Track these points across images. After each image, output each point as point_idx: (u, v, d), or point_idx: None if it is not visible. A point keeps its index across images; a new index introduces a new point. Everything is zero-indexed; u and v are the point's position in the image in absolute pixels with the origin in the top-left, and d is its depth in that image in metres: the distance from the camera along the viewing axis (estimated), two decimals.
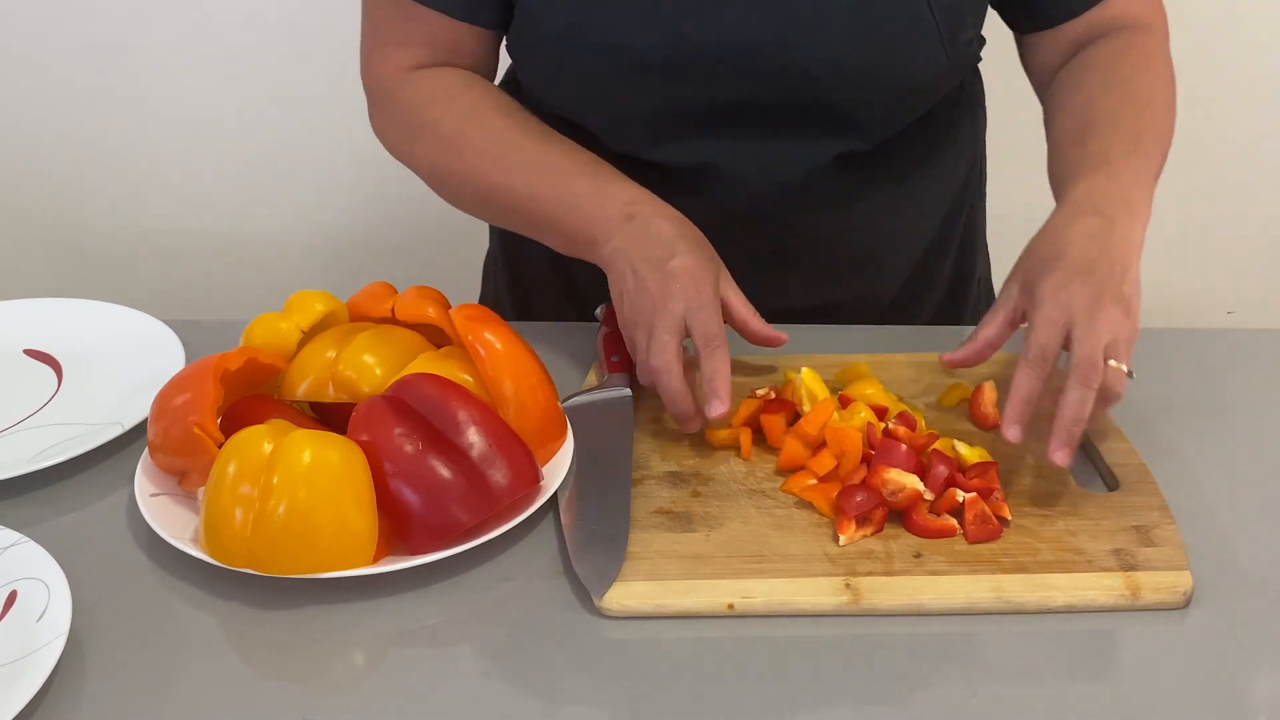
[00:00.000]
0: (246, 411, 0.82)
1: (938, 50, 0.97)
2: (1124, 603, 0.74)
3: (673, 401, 0.85)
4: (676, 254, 0.86)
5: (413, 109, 1.01)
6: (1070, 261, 0.82)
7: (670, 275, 0.86)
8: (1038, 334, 0.80)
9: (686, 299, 0.85)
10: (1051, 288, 0.81)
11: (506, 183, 0.96)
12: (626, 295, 0.88)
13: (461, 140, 0.98)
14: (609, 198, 0.91)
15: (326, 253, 1.96)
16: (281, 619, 0.73)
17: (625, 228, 0.89)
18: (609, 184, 0.92)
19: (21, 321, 1.02)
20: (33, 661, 0.66)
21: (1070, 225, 0.85)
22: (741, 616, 0.73)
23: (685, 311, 0.85)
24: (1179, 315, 1.91)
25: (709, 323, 0.85)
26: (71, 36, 1.79)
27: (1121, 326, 0.80)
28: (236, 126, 1.86)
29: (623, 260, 0.88)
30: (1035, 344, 0.80)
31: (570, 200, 0.92)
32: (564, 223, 0.93)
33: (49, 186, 1.90)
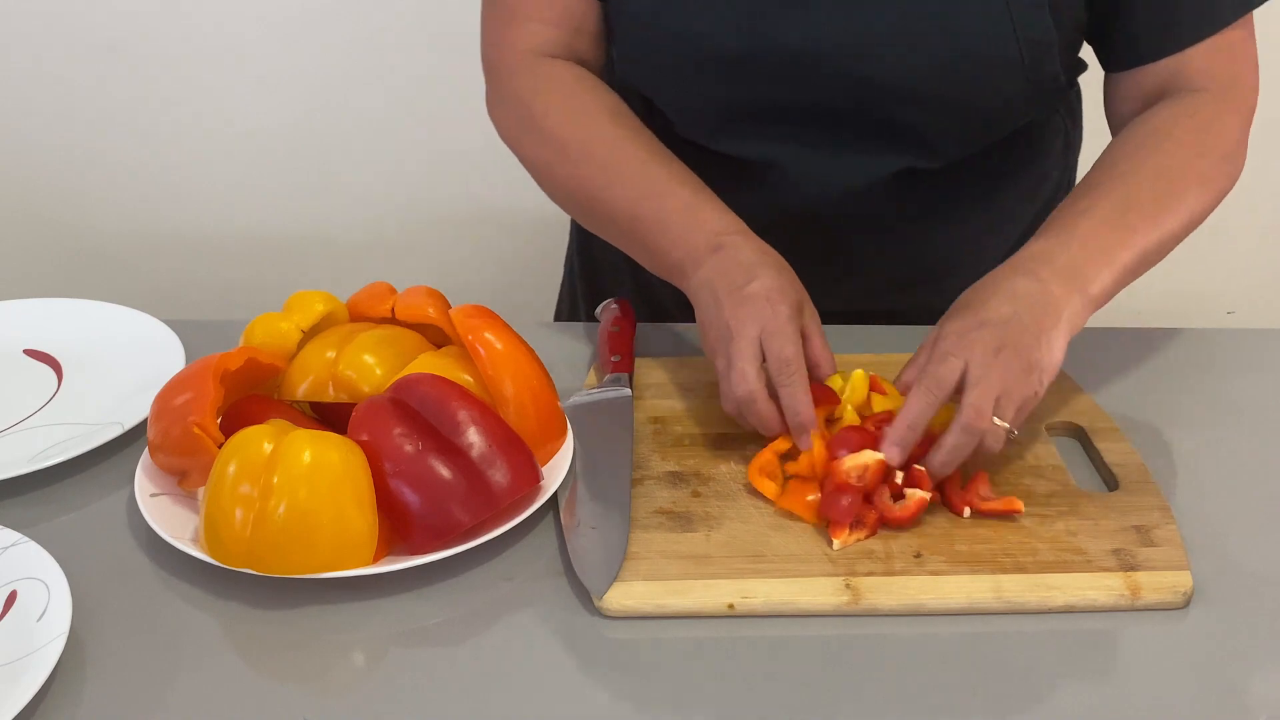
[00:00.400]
0: (246, 411, 0.82)
1: (1019, 82, 0.94)
2: (1124, 603, 0.74)
3: (765, 428, 0.83)
4: (756, 278, 0.84)
5: (526, 101, 0.99)
6: (985, 311, 0.81)
7: (747, 298, 0.84)
8: (933, 365, 0.80)
9: (762, 322, 0.83)
10: (955, 329, 0.81)
11: (607, 195, 0.94)
12: (707, 325, 0.86)
13: (568, 142, 0.97)
14: (699, 226, 0.89)
15: (326, 253, 1.96)
16: (281, 619, 0.73)
17: (711, 259, 0.87)
18: (702, 212, 0.90)
19: (21, 321, 1.02)
20: (33, 661, 0.66)
21: (1000, 281, 0.84)
22: (741, 616, 0.73)
23: (761, 334, 0.83)
24: (1179, 315, 1.91)
25: (784, 347, 0.82)
26: (71, 36, 1.79)
27: (1017, 383, 0.79)
28: (237, 126, 1.86)
29: (707, 290, 0.86)
30: (929, 373, 0.80)
31: (663, 225, 0.91)
32: (655, 245, 0.91)
33: (49, 186, 1.90)
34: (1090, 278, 0.84)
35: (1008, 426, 0.79)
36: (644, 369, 0.97)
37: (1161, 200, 0.89)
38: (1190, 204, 0.91)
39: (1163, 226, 0.89)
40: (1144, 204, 0.88)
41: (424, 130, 1.89)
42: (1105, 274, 0.85)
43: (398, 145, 1.91)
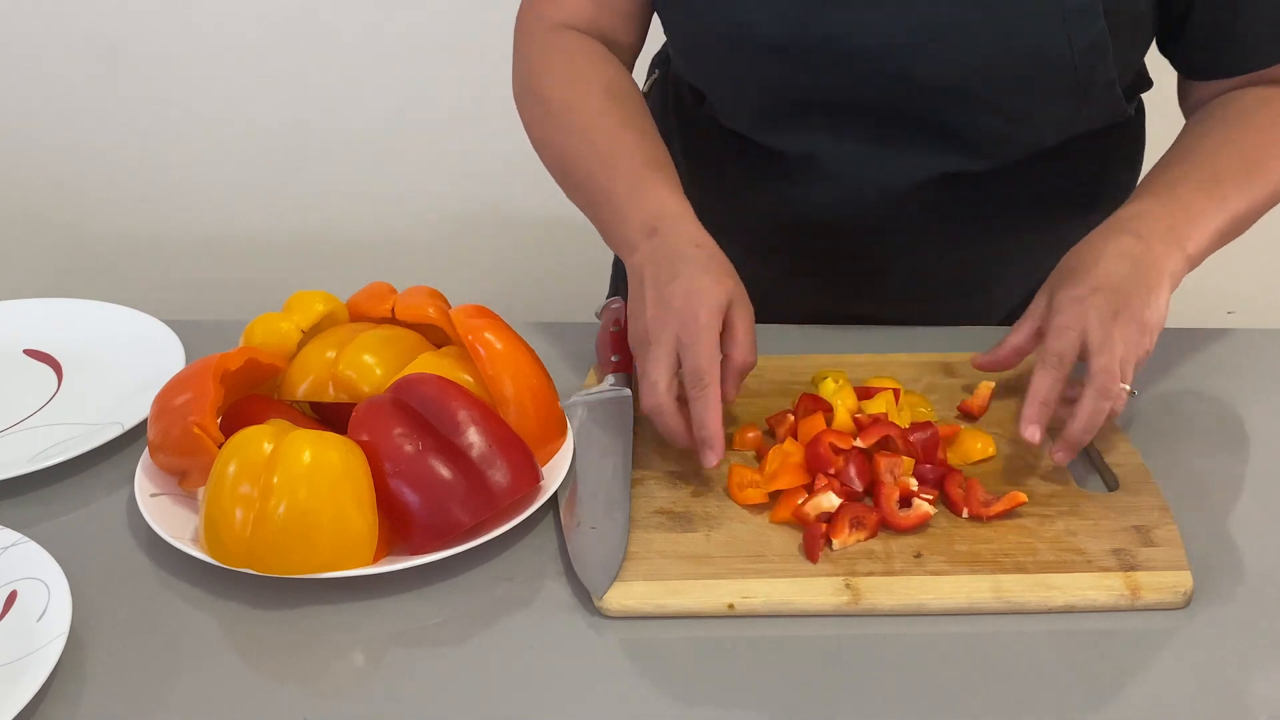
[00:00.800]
0: (246, 411, 0.82)
1: (1070, 86, 0.93)
2: (1124, 603, 0.74)
3: (674, 441, 0.83)
4: (678, 276, 0.83)
5: (532, 63, 1.01)
6: (1095, 276, 0.82)
7: (667, 299, 0.82)
8: (1052, 340, 0.81)
9: (680, 327, 0.81)
10: (1071, 298, 0.82)
11: (578, 161, 0.95)
12: (632, 318, 0.85)
13: (554, 105, 0.97)
14: (640, 203, 0.89)
15: (326, 253, 1.96)
16: (281, 619, 0.73)
17: (646, 242, 0.86)
18: (646, 187, 0.89)
19: (21, 321, 1.02)
20: (33, 661, 0.66)
21: (1105, 242, 0.85)
22: (741, 616, 0.73)
23: (676, 344, 0.81)
24: (1179, 315, 1.91)
25: (698, 356, 0.80)
26: (71, 37, 1.79)
27: (1134, 345, 0.81)
28: (237, 127, 1.86)
29: (636, 278, 0.86)
30: (1050, 349, 0.81)
31: (609, 195, 0.91)
32: (605, 218, 0.92)
33: (49, 187, 1.90)
34: (1189, 236, 0.86)
35: (1129, 388, 0.80)
36: None
37: (1250, 171, 0.91)
38: (1275, 178, 0.93)
39: (1252, 195, 0.91)
40: (1235, 173, 0.90)
41: (424, 130, 1.90)
42: (1201, 234, 0.87)
43: (398, 145, 1.91)
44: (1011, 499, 0.80)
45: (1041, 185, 1.04)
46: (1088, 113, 0.98)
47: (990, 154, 0.99)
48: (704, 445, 0.80)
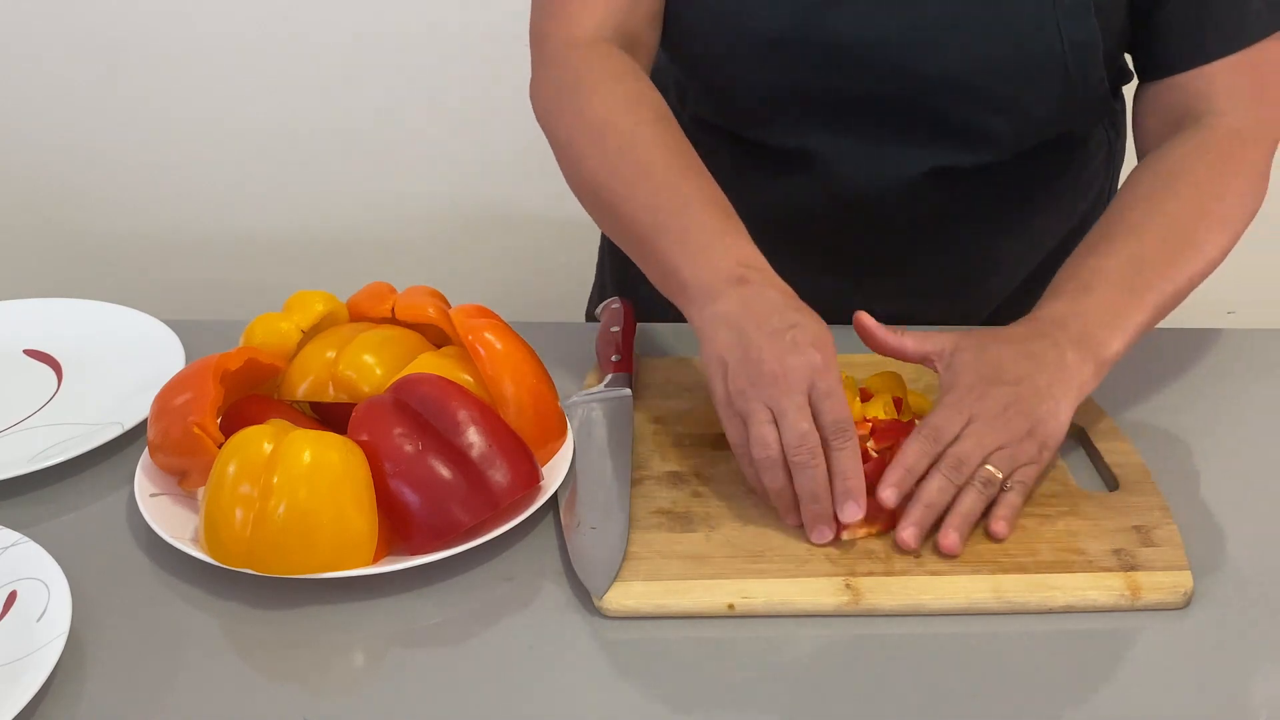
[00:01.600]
0: (246, 411, 0.82)
1: (1061, 83, 0.94)
2: (1124, 603, 0.74)
3: (813, 497, 0.76)
4: (796, 324, 0.78)
5: (571, 79, 0.95)
6: (999, 370, 0.81)
7: (793, 347, 0.77)
8: (936, 415, 0.80)
9: (813, 378, 0.77)
10: (967, 384, 0.81)
11: (630, 194, 0.88)
12: (733, 366, 0.78)
13: (604, 129, 0.91)
14: (725, 252, 0.83)
15: (326, 253, 1.96)
16: (281, 619, 0.73)
17: (736, 290, 0.81)
18: (730, 236, 0.84)
19: (21, 321, 1.02)
20: (33, 661, 0.66)
21: (1016, 341, 0.83)
22: (741, 616, 0.73)
23: (811, 390, 0.77)
24: (1179, 315, 1.91)
25: (840, 407, 0.76)
26: (71, 36, 1.79)
27: (1017, 443, 0.78)
28: (237, 127, 1.86)
29: (726, 326, 0.79)
30: (930, 423, 0.79)
31: (685, 239, 0.84)
32: (670, 258, 0.85)
33: (49, 186, 1.90)
34: (1104, 342, 0.83)
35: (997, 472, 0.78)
36: (644, 369, 0.97)
37: (1175, 252, 0.88)
38: (1207, 251, 0.89)
39: (1177, 280, 0.88)
40: (1156, 260, 0.87)
41: (424, 130, 1.90)
42: (1118, 339, 0.84)
43: (398, 145, 1.91)
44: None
45: (1032, 180, 1.05)
46: (1079, 109, 0.99)
47: (985, 149, 1.00)
48: (847, 498, 0.76)
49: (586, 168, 0.92)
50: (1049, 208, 1.07)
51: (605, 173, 0.90)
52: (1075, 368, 0.82)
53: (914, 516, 0.77)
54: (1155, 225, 0.89)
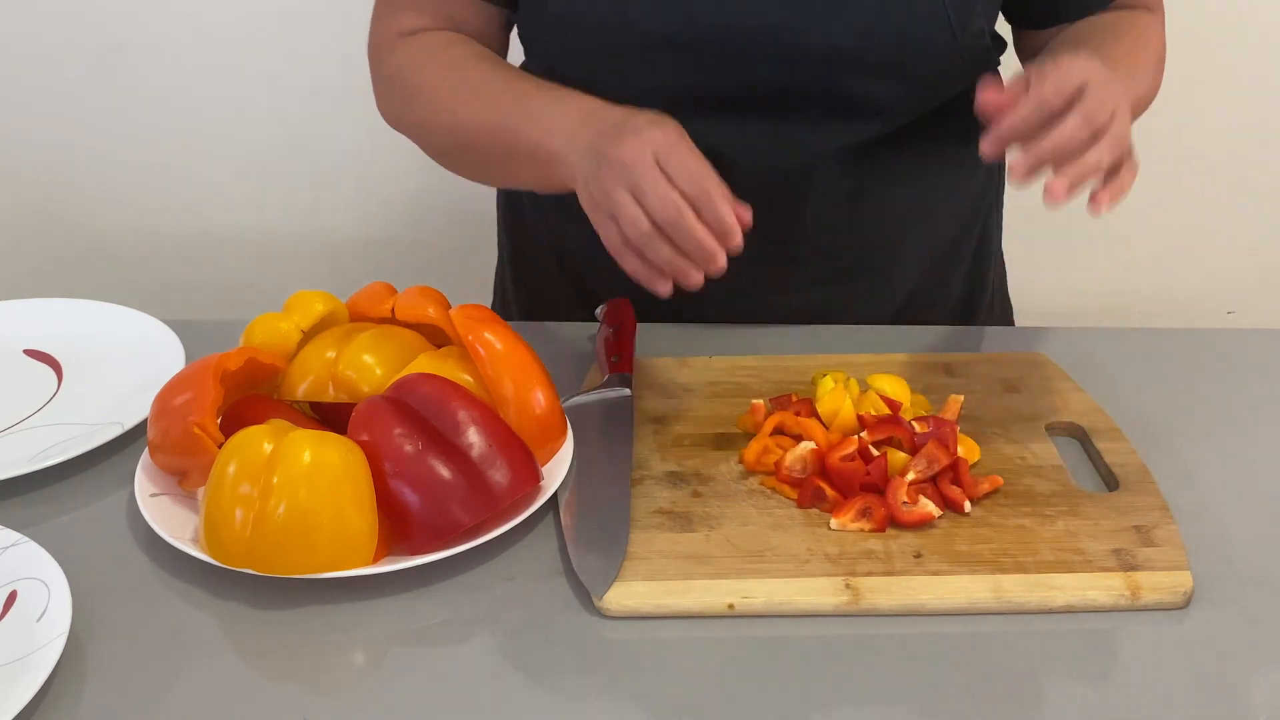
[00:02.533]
0: (246, 411, 0.82)
1: (947, 38, 0.96)
2: (1124, 603, 0.74)
3: (697, 246, 0.79)
4: (632, 118, 0.84)
5: (401, 69, 1.00)
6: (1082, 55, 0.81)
7: (630, 132, 0.82)
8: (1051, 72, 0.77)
9: (657, 150, 0.80)
10: (1069, 56, 0.80)
11: (476, 117, 0.94)
12: (590, 178, 0.83)
13: (439, 88, 0.97)
14: (567, 105, 0.89)
15: (326, 253, 1.96)
16: (281, 619, 0.73)
17: (585, 128, 0.86)
18: (567, 96, 0.90)
19: (21, 321, 1.02)
20: (33, 661, 0.66)
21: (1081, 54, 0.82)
22: (741, 616, 0.73)
23: (663, 166, 0.79)
24: (1179, 315, 1.91)
25: (688, 162, 0.79)
26: (71, 36, 1.79)
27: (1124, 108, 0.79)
28: (236, 126, 1.86)
29: (580, 153, 0.85)
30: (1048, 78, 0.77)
31: (530, 117, 0.90)
32: (526, 145, 0.90)
33: (49, 186, 1.90)
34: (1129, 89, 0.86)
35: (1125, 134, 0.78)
36: (644, 369, 0.97)
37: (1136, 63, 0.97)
38: (1148, 81, 1.00)
39: (1141, 84, 0.97)
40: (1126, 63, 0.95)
41: None
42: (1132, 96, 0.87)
43: (398, 145, 1.91)
44: (992, 481, 0.82)
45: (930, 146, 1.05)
46: (964, 64, 1.00)
47: (882, 118, 1.00)
48: (726, 239, 0.79)
49: (434, 129, 0.98)
50: (949, 178, 1.09)
51: (446, 116, 0.96)
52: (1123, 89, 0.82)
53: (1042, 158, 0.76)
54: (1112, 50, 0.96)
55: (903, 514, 0.78)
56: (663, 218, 0.79)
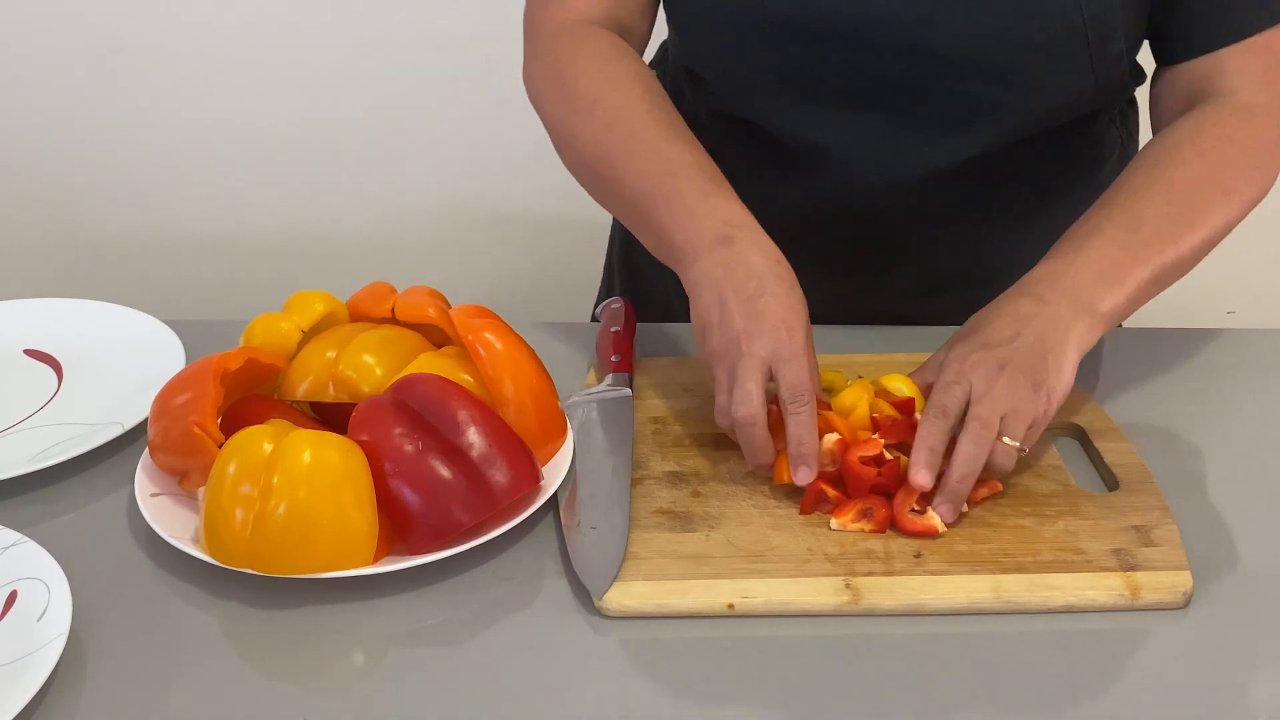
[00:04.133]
0: (246, 411, 0.82)
1: (1083, 57, 0.93)
2: (1124, 603, 0.74)
3: (753, 454, 0.81)
4: (767, 292, 0.81)
5: (560, 62, 0.98)
6: (984, 334, 0.82)
7: (761, 313, 0.81)
8: (936, 393, 0.80)
9: (775, 344, 0.80)
10: (958, 355, 0.82)
11: (622, 164, 0.91)
12: (710, 328, 0.83)
13: (595, 107, 0.94)
14: (711, 212, 0.86)
15: (326, 253, 1.96)
16: (281, 619, 0.73)
17: (719, 251, 0.84)
18: (716, 196, 0.87)
19: (21, 321, 1.02)
20: (33, 661, 0.66)
21: (1002, 305, 0.84)
22: (741, 616, 0.73)
23: (772, 357, 0.80)
24: (1179, 315, 1.91)
25: (799, 372, 0.79)
26: (71, 36, 1.79)
27: (1024, 400, 0.78)
28: (236, 126, 1.86)
29: (710, 287, 0.83)
30: (933, 400, 0.80)
31: (670, 205, 0.87)
32: (661, 225, 0.88)
33: (49, 186, 1.90)
34: (1099, 296, 0.83)
35: (1017, 444, 0.79)
36: (644, 369, 0.97)
37: (1179, 215, 0.87)
38: (1213, 219, 0.88)
39: (1180, 242, 0.87)
40: (1158, 220, 0.87)
41: (425, 130, 1.90)
42: (1115, 292, 0.84)
43: (398, 145, 1.91)
44: (990, 486, 0.81)
45: (1047, 173, 1.04)
46: (1098, 86, 0.97)
47: (1002, 132, 0.98)
48: (800, 462, 0.79)
49: (579, 145, 0.95)
50: (1063, 204, 1.06)
51: (596, 147, 0.93)
52: (1067, 320, 0.82)
53: (949, 493, 0.78)
54: (1158, 190, 0.88)
55: (908, 523, 0.78)
56: (739, 415, 0.80)
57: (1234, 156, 0.91)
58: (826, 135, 0.99)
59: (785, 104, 0.99)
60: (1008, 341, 0.81)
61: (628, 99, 0.94)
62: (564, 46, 0.99)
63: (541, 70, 1.00)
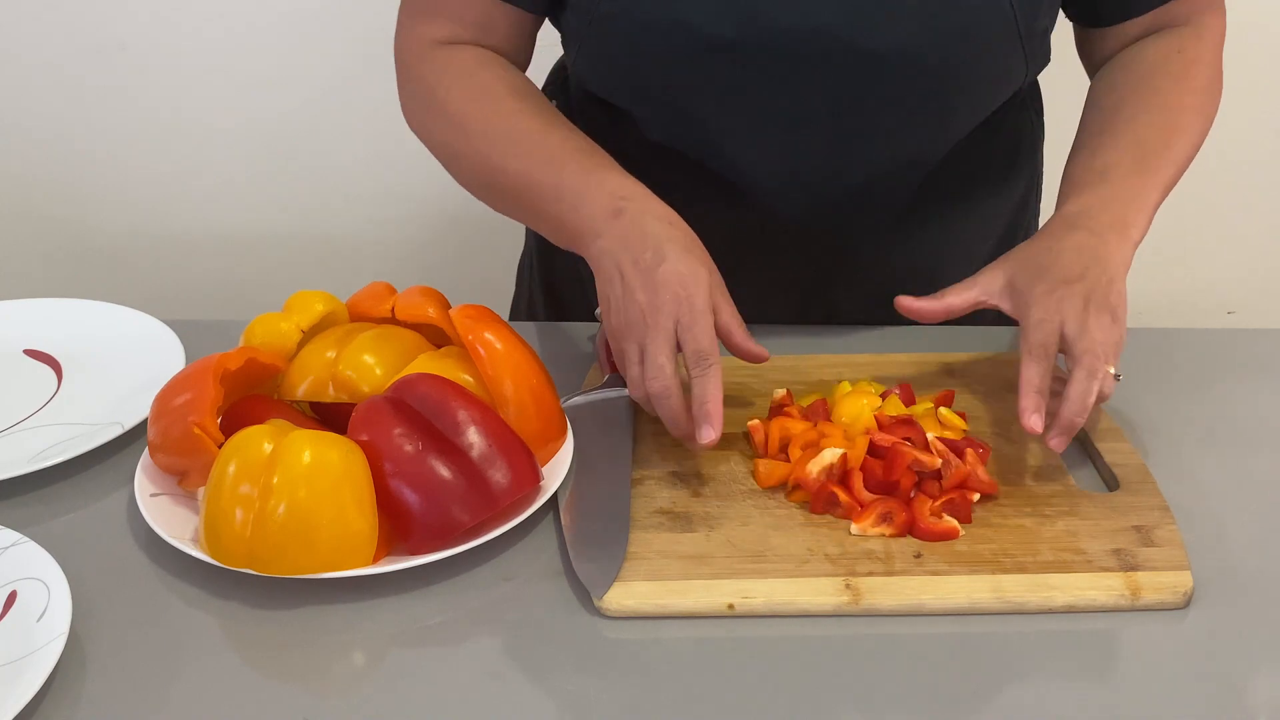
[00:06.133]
0: (246, 411, 0.82)
1: (1014, 40, 0.95)
2: (1124, 603, 0.74)
3: (673, 424, 0.82)
4: (666, 258, 0.82)
5: (428, 85, 0.98)
6: (1060, 271, 0.85)
7: (660, 284, 0.81)
8: (1034, 332, 0.83)
9: (677, 312, 0.81)
10: (1043, 292, 0.84)
11: (504, 165, 0.92)
12: (614, 302, 0.84)
13: (468, 119, 0.95)
14: (598, 187, 0.87)
15: (326, 253, 1.96)
16: (281, 619, 0.73)
17: (613, 225, 0.85)
18: (600, 172, 0.88)
19: (21, 321, 1.02)
20: (33, 661, 0.66)
21: (1062, 239, 0.87)
22: (741, 616, 0.73)
23: (676, 326, 0.81)
24: (1179, 315, 1.91)
25: (700, 338, 0.81)
26: (71, 36, 1.79)
27: (1109, 331, 0.83)
28: (237, 126, 1.86)
29: (610, 262, 0.84)
30: (1034, 340, 0.82)
31: (559, 188, 0.89)
32: (552, 211, 0.89)
33: (49, 186, 1.90)
34: (1132, 224, 0.89)
35: (1115, 372, 0.82)
36: None
37: (1169, 137, 0.95)
38: (1192, 136, 0.97)
39: (1176, 163, 0.95)
40: (1156, 145, 0.94)
41: None
42: (1142, 218, 0.90)
43: (398, 145, 1.90)
44: (985, 486, 0.81)
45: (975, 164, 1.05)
46: (1025, 66, 1.00)
47: (947, 130, 1.00)
48: (704, 421, 0.79)
49: (461, 160, 0.97)
50: (989, 195, 1.08)
51: (477, 157, 0.95)
52: (1116, 250, 0.87)
53: (1065, 426, 0.81)
54: (1147, 116, 0.96)
55: (929, 525, 0.78)
56: (653, 389, 0.81)
57: (1199, 78, 1.00)
58: (768, 153, 0.98)
59: (728, 126, 0.98)
60: (1081, 276, 0.84)
61: (498, 104, 0.95)
62: (429, 69, 0.99)
63: (412, 97, 1.01)
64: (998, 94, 1.02)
